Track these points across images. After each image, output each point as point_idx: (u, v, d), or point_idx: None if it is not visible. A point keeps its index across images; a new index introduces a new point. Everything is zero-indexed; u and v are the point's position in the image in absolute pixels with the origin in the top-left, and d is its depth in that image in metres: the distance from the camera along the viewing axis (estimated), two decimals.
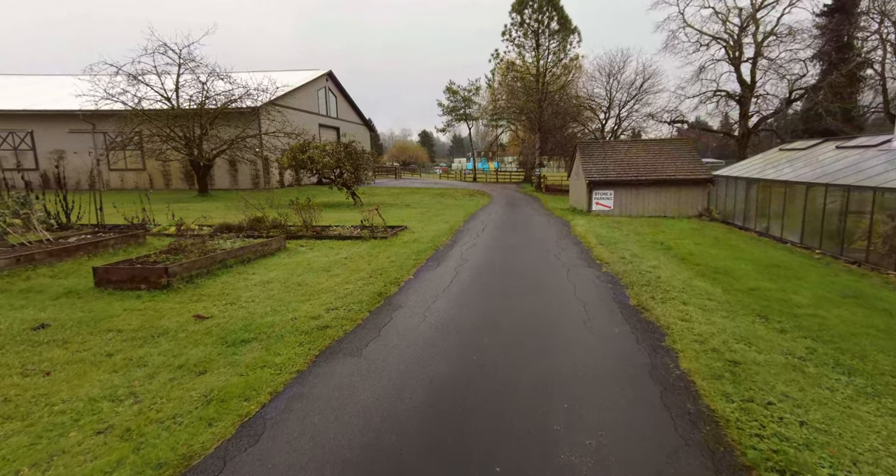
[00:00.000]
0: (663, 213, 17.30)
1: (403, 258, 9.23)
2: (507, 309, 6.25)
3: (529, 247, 10.86)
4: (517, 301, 6.60)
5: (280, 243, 10.29)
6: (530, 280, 7.79)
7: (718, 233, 13.67)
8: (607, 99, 33.83)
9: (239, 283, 7.52)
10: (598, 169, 17.85)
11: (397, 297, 6.72)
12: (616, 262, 9.10)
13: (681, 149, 18.71)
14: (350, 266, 8.70)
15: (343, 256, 9.62)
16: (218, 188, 29.04)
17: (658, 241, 11.87)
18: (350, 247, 10.71)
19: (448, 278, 7.70)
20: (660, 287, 7.38)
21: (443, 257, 9.44)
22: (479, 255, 9.59)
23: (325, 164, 20.00)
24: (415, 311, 6.02)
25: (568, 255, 9.89)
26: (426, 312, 5.97)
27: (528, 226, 14.62)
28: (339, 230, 12.75)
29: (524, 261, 9.28)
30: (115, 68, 21.99)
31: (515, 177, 47.91)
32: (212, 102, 23.87)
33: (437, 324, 5.55)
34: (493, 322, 5.67)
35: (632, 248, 10.69)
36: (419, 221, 15.33)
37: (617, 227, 14.07)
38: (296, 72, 34.99)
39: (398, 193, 28.82)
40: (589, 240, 11.59)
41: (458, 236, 12.33)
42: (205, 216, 15.20)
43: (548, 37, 32.05)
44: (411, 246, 10.60)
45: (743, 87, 31.73)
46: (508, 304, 6.44)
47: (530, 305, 6.41)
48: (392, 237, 11.89)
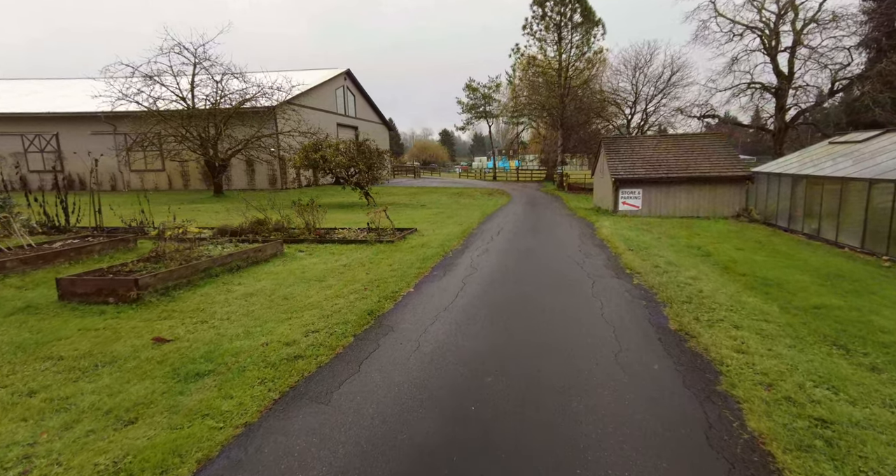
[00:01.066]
0: (696, 213, 15.81)
1: (407, 266, 8.22)
2: (519, 334, 5.15)
3: (548, 252, 9.70)
4: (531, 323, 5.49)
5: (276, 248, 9.43)
6: (548, 295, 6.66)
7: (761, 236, 12.19)
8: (633, 93, 32.10)
9: (220, 295, 6.65)
10: (625, 166, 16.47)
11: (391, 316, 5.70)
12: (649, 271, 7.87)
13: (715, 144, 17.13)
14: (347, 275, 7.74)
15: (342, 263, 8.68)
16: (235, 188, 28.70)
17: (694, 245, 10.53)
18: (352, 252, 9.78)
19: (453, 292, 6.64)
20: (703, 304, 6.15)
21: (450, 265, 8.39)
22: (492, 263, 8.49)
23: (338, 164, 19.21)
24: (407, 337, 4.99)
25: (593, 262, 8.69)
26: (421, 338, 4.93)
27: (547, 228, 13.42)
28: (345, 233, 11.85)
29: (542, 270, 8.14)
30: (132, 69, 21.70)
31: (537, 175, 46.41)
32: (226, 102, 23.41)
33: (431, 355, 4.51)
34: (501, 355, 4.58)
35: (665, 254, 9.41)
36: (431, 223, 14.32)
37: (646, 230, 12.74)
38: (313, 71, 34.45)
39: (415, 193, 27.90)
40: (616, 244, 10.35)
41: (470, 240, 11.25)
42: (189, 220, 14.46)
43: (570, 30, 30.52)
44: (418, 251, 9.59)
45: (780, 79, 29.55)
46: (521, 328, 5.34)
47: (547, 329, 5.29)
48: (399, 241, 10.91)
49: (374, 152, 20.29)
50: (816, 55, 28.35)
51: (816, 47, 27.86)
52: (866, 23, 29.26)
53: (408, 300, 6.32)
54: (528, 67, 33.14)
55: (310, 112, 30.05)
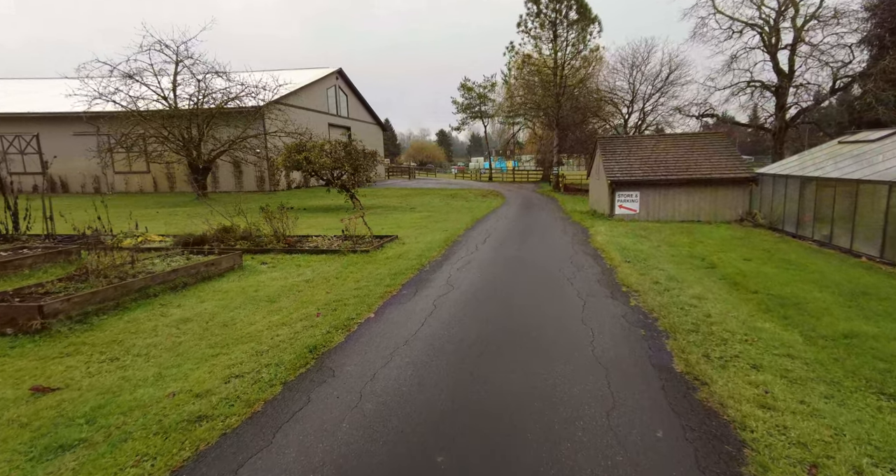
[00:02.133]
0: (697, 217, 14.79)
1: (374, 283, 7.19)
2: (490, 382, 4.13)
3: (536, 265, 8.67)
4: (506, 364, 4.47)
5: (235, 261, 8.40)
6: (531, 321, 5.63)
7: (768, 243, 11.17)
8: (630, 92, 31.06)
9: (149, 322, 5.62)
10: (622, 167, 15.44)
11: (337, 353, 4.67)
12: (648, 289, 6.84)
13: (716, 143, 16.11)
14: (304, 295, 6.72)
15: (305, 278, 7.66)
16: (223, 190, 27.66)
17: (697, 255, 9.51)
18: (321, 264, 8.75)
19: (419, 319, 5.61)
20: (713, 334, 5.13)
21: (424, 282, 7.36)
22: (471, 280, 7.46)
23: (322, 165, 18.17)
24: (349, 387, 3.96)
25: (585, 277, 7.66)
26: (365, 389, 3.90)
27: (538, 234, 12.40)
28: (318, 241, 10.83)
29: (526, 287, 7.11)
30: (110, 67, 20.64)
31: (533, 176, 45.42)
32: (210, 101, 22.37)
33: (372, 418, 3.47)
34: (461, 417, 3.54)
35: (665, 266, 8.39)
36: (416, 229, 13.29)
37: (644, 236, 11.71)
38: (304, 70, 33.39)
39: (407, 195, 26.88)
40: (611, 254, 9.32)
41: (453, 249, 10.23)
42: (141, 229, 13.46)
43: (566, 27, 29.46)
44: (392, 264, 8.57)
45: (780, 77, 28.53)
46: (492, 372, 4.32)
47: (525, 373, 4.26)
48: (375, 251, 9.89)
49: (361, 153, 19.25)
50: (817, 52, 27.33)
51: (818, 44, 26.84)
52: (868, 19, 28.26)
53: (364, 330, 5.29)
54: (522, 66, 32.09)
55: (300, 112, 29.01)
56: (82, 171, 26.75)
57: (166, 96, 21.87)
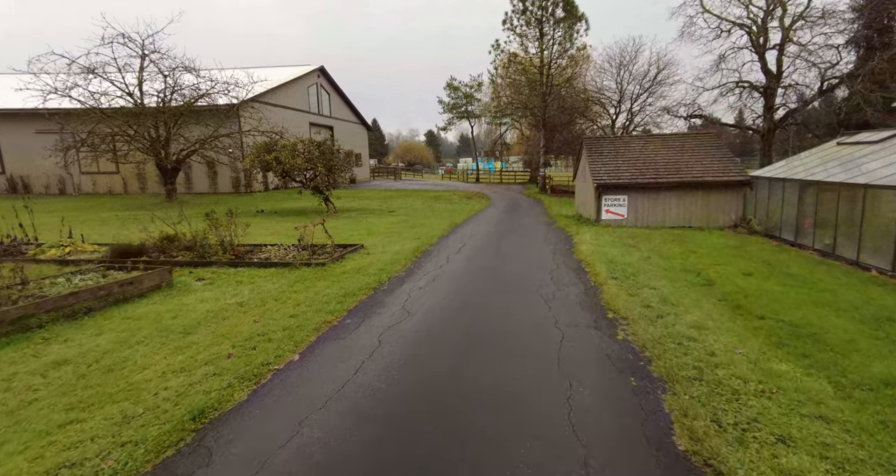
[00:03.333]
0: (688, 222, 13.76)
1: (318, 307, 5.98)
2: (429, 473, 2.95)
3: (511, 282, 7.51)
4: (448, 450, 3.28)
5: (162, 278, 7.12)
6: (493, 368, 4.46)
7: (766, 253, 10.14)
8: (618, 92, 30.10)
9: (10, 367, 4.37)
10: (609, 169, 14.36)
11: (229, 421, 3.45)
12: (638, 316, 5.70)
13: (708, 144, 15.10)
14: (227, 324, 5.48)
15: (239, 300, 6.42)
16: (196, 192, 26.19)
17: (691, 268, 8.41)
18: (266, 280, 7.51)
19: (354, 363, 4.41)
20: (721, 383, 4.00)
21: (377, 306, 6.15)
22: (432, 303, 6.27)
23: (293, 166, 16.86)
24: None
25: (566, 299, 6.52)
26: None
27: (518, 243, 11.26)
28: (273, 251, 9.57)
29: (495, 313, 5.94)
30: (68, 60, 19.10)
31: (521, 177, 44.38)
32: (178, 98, 20.92)
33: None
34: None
35: (657, 283, 7.27)
36: (387, 235, 12.07)
37: (633, 246, 10.62)
38: (284, 67, 31.97)
39: (389, 197, 25.63)
40: (597, 268, 8.19)
41: (422, 260, 9.03)
42: (84, 235, 12.12)
43: (552, 25, 28.35)
44: (348, 280, 7.36)
45: (768, 78, 27.76)
46: (427, 460, 3.14)
47: (475, 464, 3.09)
48: (334, 263, 8.66)
49: (335, 153, 17.98)
50: (805, 53, 26.59)
51: (806, 44, 26.08)
52: (855, 20, 27.62)
53: (278, 382, 4.07)
54: (509, 65, 30.95)
55: (278, 111, 27.61)
56: (46, 171, 25.08)
57: (131, 93, 20.38)
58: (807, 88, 26.69)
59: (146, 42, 20.30)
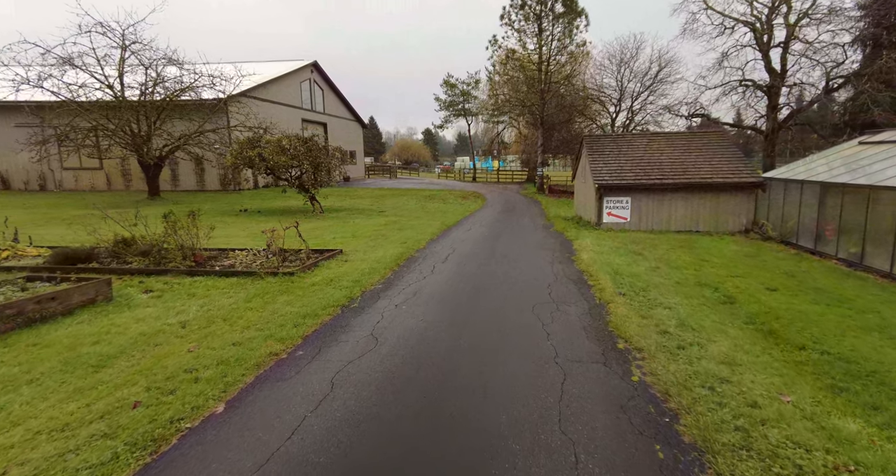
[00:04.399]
0: (695, 226, 12.72)
1: (270, 331, 4.91)
2: None
3: (503, 299, 6.46)
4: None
5: (98, 291, 6.03)
6: (478, 432, 3.41)
7: (786, 262, 9.10)
8: (618, 90, 29.03)
9: None
10: (611, 169, 13.30)
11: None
12: (655, 347, 4.66)
13: (716, 143, 14.05)
14: (154, 354, 4.41)
15: (182, 320, 5.35)
16: (183, 190, 25.06)
17: (706, 281, 7.37)
18: (221, 294, 6.43)
19: (293, 419, 3.33)
20: (777, 455, 2.95)
21: (340, 331, 5.08)
22: (407, 328, 5.20)
23: (277, 163, 15.74)
24: None
25: (567, 322, 5.46)
26: None
27: (512, 250, 10.20)
28: (241, 257, 8.49)
29: (482, 343, 4.88)
30: (43, 49, 17.92)
31: (518, 176, 43.31)
32: (161, 91, 19.77)
33: None
34: None
35: (671, 301, 6.22)
36: (372, 239, 11.00)
37: (638, 253, 9.57)
38: (276, 62, 30.80)
39: (381, 196, 24.54)
40: (601, 280, 7.14)
41: (404, 270, 7.97)
42: (43, 235, 10.91)
43: (551, 21, 27.22)
44: (315, 295, 6.29)
45: (772, 76, 26.72)
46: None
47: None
48: (305, 272, 7.59)
49: (323, 150, 16.87)
50: (810, 51, 25.56)
51: (812, 42, 25.02)
52: (861, 18, 26.59)
53: (184, 449, 3.00)
54: (506, 61, 29.80)
55: (269, 106, 26.47)
56: (26, 166, 23.92)
57: (111, 85, 19.22)
58: (812, 87, 25.67)
59: (126, 32, 19.13)
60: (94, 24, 18.41)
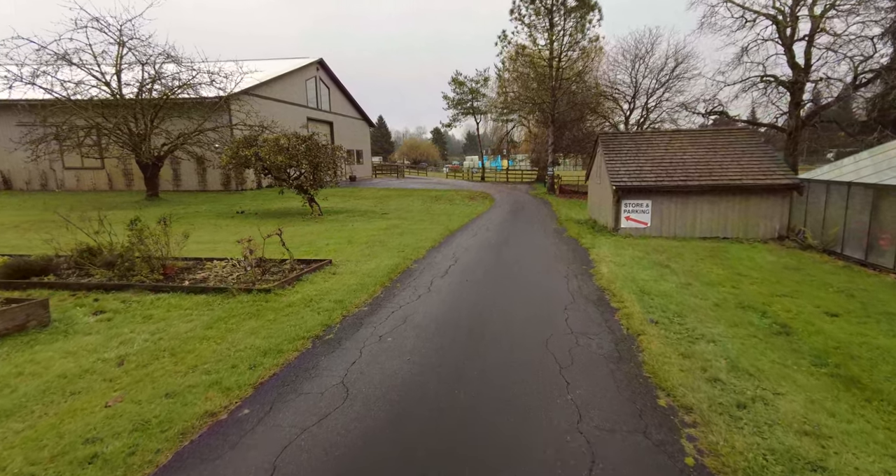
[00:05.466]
0: (722, 233, 11.47)
1: (218, 375, 3.88)
2: None
3: (509, 330, 5.36)
4: None
5: (29, 314, 5.06)
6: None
7: (837, 277, 7.85)
8: (632, 86, 27.62)
9: None
10: (629, 170, 12.09)
11: None
12: (706, 404, 3.52)
13: (745, 141, 12.76)
14: (54, 412, 3.40)
15: (122, 354, 4.36)
16: (185, 190, 24.31)
17: (750, 302, 6.18)
18: (182, 317, 5.43)
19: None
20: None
21: (303, 378, 4.02)
22: (388, 375, 4.13)
23: (274, 163, 14.79)
24: None
25: (590, 361, 4.35)
26: None
27: (521, 260, 9.08)
28: (219, 266, 7.52)
29: (484, 399, 3.80)
30: (38, 45, 17.18)
31: (528, 176, 42.02)
32: (160, 89, 18.95)
33: None
34: None
35: (714, 331, 5.07)
36: (368, 246, 9.96)
37: (664, 265, 8.39)
38: (280, 60, 29.93)
39: (386, 197, 23.53)
40: (626, 303, 6.00)
41: (397, 287, 6.90)
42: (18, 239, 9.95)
43: (563, 15, 25.91)
44: (288, 320, 5.25)
45: (795, 71, 25.12)
46: None
47: None
48: (284, 288, 6.57)
49: (323, 149, 15.88)
50: (838, 44, 23.91)
51: (841, 34, 23.38)
52: (892, 9, 24.81)
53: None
54: (516, 57, 28.57)
55: (273, 104, 25.60)
56: (28, 166, 23.32)
57: (108, 82, 18.45)
58: (840, 82, 24.01)
59: (124, 27, 18.31)
60: (90, 20, 17.63)
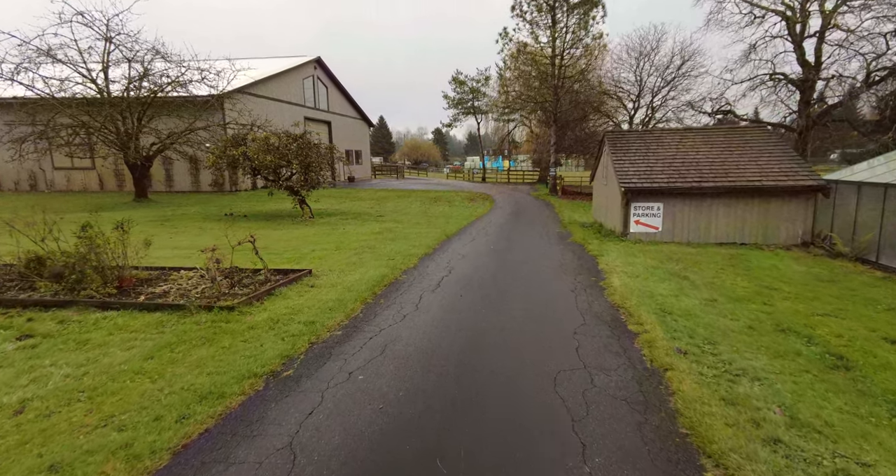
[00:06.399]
0: (740, 238, 10.53)
1: (136, 433, 2.98)
2: None
3: (510, 361, 4.44)
4: None
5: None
6: None
7: (882, 291, 6.90)
8: (637, 85, 26.65)
9: None
10: (639, 170, 11.16)
11: None
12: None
13: (763, 140, 11.80)
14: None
15: (28, 397, 3.47)
16: (177, 191, 23.48)
17: (790, 324, 5.25)
18: (123, 343, 4.54)
19: None
20: None
21: (240, 439, 3.10)
22: (356, 432, 3.21)
23: (262, 163, 13.90)
24: None
25: (608, 413, 3.43)
26: None
27: (523, 270, 8.16)
28: (185, 278, 6.63)
29: (480, 470, 2.89)
30: (20, 40, 16.35)
31: (529, 177, 41.07)
32: (149, 86, 18.11)
33: None
34: None
35: (757, 366, 4.14)
36: (356, 253, 9.06)
37: (682, 275, 7.45)
38: (277, 58, 29.09)
39: (384, 198, 22.64)
40: (646, 326, 5.06)
41: (380, 303, 5.99)
42: None
43: (566, 11, 24.97)
44: (246, 350, 4.36)
45: (805, 69, 24.11)
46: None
47: None
48: (252, 304, 5.67)
49: (314, 148, 14.99)
50: (850, 40, 22.89)
51: (854, 30, 22.36)
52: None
53: None
54: (518, 55, 27.62)
55: (269, 103, 24.76)
56: (17, 165, 22.51)
57: (94, 79, 17.62)
58: (852, 79, 22.98)
59: (111, 22, 17.47)
60: (75, 14, 16.78)
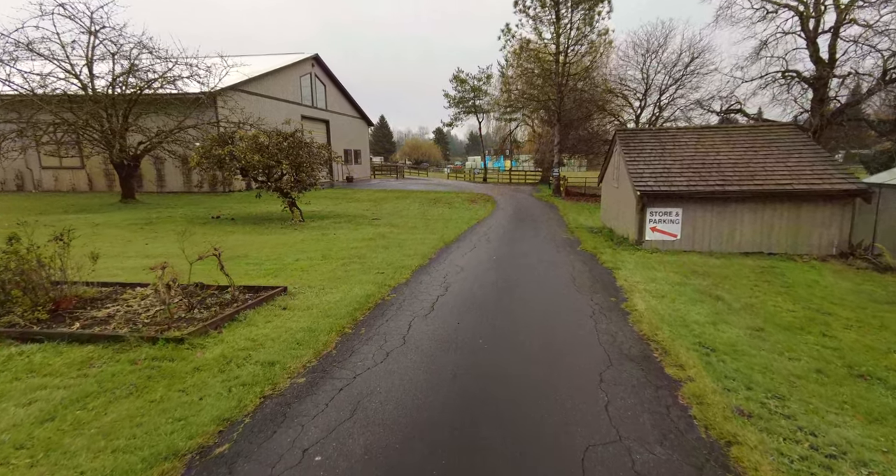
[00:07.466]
0: (767, 247, 9.46)
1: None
2: None
3: (521, 430, 3.41)
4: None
5: None
6: None
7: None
8: (644, 83, 25.52)
9: None
10: (655, 172, 10.10)
11: None
12: None
13: (789, 139, 10.73)
14: None
15: None
16: (169, 191, 22.49)
17: (866, 366, 4.20)
18: (23, 395, 3.51)
19: None
20: None
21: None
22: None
23: (250, 162, 12.89)
24: None
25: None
26: None
27: (530, 287, 7.11)
28: (138, 296, 5.61)
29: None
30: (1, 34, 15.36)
31: (531, 177, 39.98)
32: (136, 82, 17.10)
33: None
34: None
35: (850, 437, 3.10)
36: (343, 264, 8.03)
37: (713, 295, 6.39)
38: (274, 56, 28.05)
39: (382, 199, 21.61)
40: (686, 367, 4.02)
41: (360, 335, 4.96)
42: None
43: (570, 7, 23.88)
44: (179, 408, 3.32)
45: (819, 66, 22.96)
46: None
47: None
48: (206, 334, 4.65)
49: (306, 147, 13.96)
50: (867, 35, 21.72)
51: (872, 25, 21.20)
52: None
53: None
54: (520, 52, 26.53)
55: (264, 101, 23.74)
56: (3, 164, 21.54)
57: (77, 74, 16.63)
58: (869, 77, 21.84)
59: (95, 15, 16.45)
60: (57, 6, 15.78)
